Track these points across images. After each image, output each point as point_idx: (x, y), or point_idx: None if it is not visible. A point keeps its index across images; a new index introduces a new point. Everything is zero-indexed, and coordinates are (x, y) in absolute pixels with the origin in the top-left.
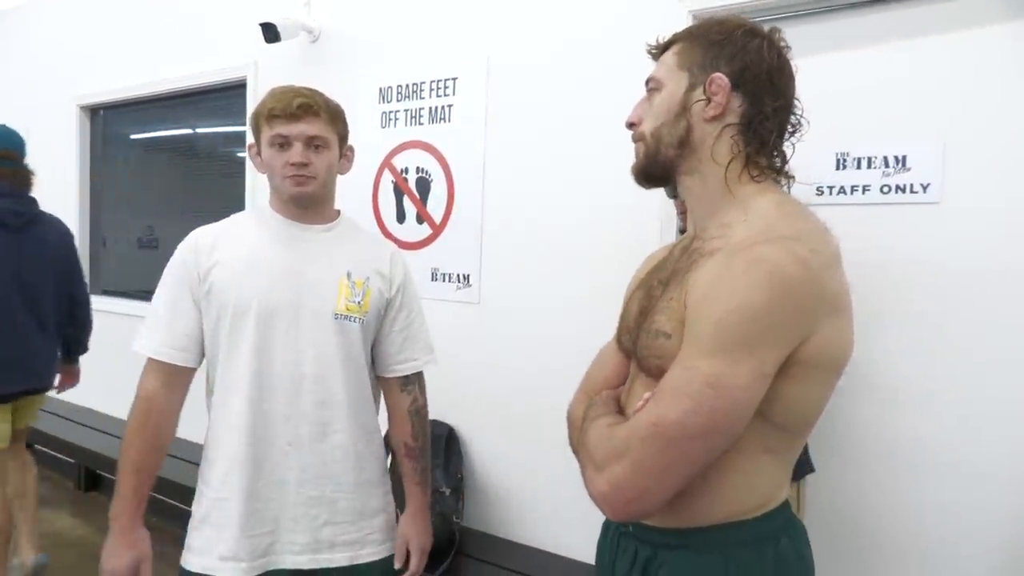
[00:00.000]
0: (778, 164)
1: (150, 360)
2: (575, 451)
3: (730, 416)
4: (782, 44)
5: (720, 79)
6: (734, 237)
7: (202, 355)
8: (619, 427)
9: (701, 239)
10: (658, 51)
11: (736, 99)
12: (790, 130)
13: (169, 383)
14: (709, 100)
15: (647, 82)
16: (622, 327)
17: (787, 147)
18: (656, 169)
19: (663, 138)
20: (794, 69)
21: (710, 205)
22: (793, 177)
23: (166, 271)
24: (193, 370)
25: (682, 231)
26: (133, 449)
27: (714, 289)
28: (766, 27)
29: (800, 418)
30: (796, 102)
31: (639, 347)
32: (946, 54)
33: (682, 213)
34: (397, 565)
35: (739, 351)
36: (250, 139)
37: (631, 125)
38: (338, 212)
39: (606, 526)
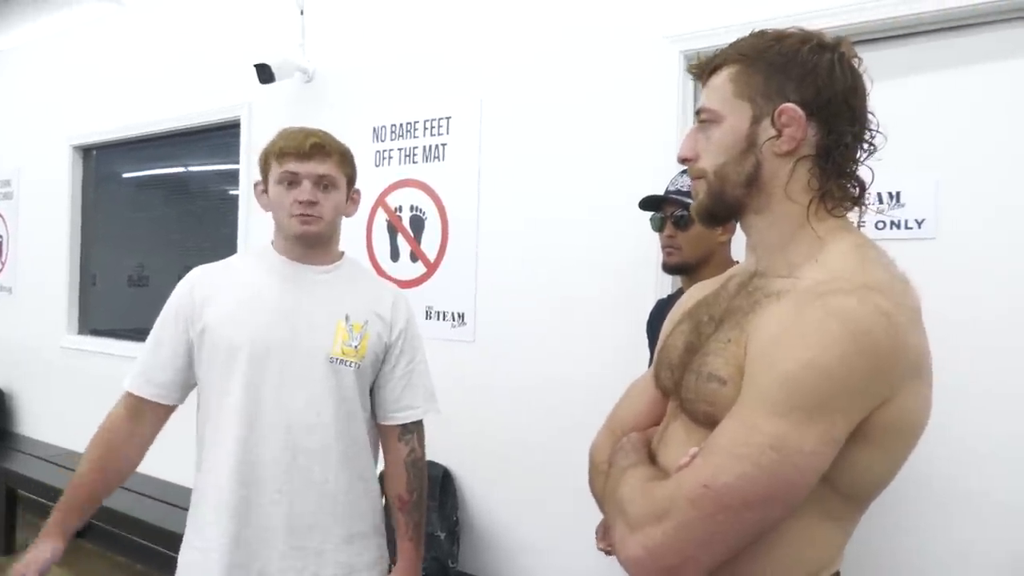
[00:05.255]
0: (856, 192)
1: (124, 391)
2: (597, 498)
3: (793, 484)
4: (854, 57)
5: (792, 110)
6: (804, 280)
7: (180, 394)
8: (660, 484)
9: (764, 276)
10: (700, 71)
11: (811, 129)
12: (867, 151)
13: (134, 414)
14: (780, 133)
15: (698, 112)
16: (662, 362)
17: (863, 170)
18: (722, 210)
19: (728, 177)
20: (868, 84)
21: (779, 240)
22: (868, 205)
23: (164, 308)
24: (164, 407)
25: (665, 268)
26: (79, 465)
27: (784, 340)
28: (827, 36)
29: (868, 486)
30: (871, 117)
31: (684, 388)
32: (939, 90)
33: (667, 248)
34: None
35: (808, 413)
36: (256, 177)
37: (685, 160)
38: (342, 253)
39: None
